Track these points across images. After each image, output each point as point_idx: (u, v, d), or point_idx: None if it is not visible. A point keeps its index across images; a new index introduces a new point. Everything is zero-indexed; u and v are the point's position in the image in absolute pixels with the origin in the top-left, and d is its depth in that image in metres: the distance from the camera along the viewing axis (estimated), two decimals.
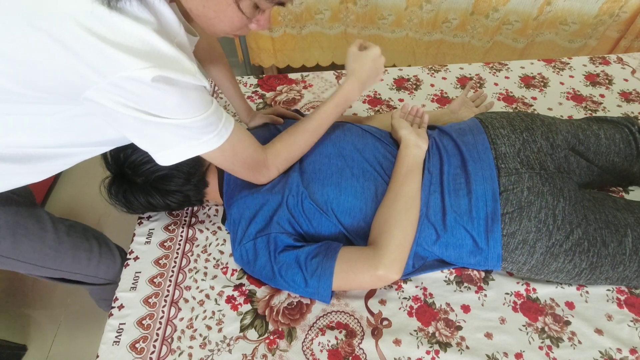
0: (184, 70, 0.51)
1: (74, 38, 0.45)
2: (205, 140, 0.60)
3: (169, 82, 0.50)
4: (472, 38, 1.86)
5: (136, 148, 0.79)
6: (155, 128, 0.55)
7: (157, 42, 0.48)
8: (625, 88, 1.28)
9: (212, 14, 0.55)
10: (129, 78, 0.47)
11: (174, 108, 0.54)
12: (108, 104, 0.50)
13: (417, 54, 1.93)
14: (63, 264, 0.88)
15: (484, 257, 0.78)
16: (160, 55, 0.49)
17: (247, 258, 0.77)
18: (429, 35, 1.85)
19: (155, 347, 0.77)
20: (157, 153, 0.61)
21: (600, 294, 0.82)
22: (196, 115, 0.56)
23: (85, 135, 0.65)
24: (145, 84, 0.48)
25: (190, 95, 0.54)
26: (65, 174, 1.82)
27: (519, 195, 0.75)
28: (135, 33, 0.47)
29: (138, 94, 0.50)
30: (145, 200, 0.84)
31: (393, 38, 1.89)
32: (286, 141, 0.79)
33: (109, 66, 0.46)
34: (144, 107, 0.52)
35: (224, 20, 0.56)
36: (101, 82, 0.48)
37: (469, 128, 0.87)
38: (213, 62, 0.96)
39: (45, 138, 0.62)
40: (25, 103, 0.55)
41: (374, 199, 0.80)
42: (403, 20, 1.80)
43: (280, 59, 1.96)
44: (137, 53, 0.47)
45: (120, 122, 0.55)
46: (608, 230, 0.75)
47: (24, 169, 0.65)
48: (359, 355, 0.75)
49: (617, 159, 0.88)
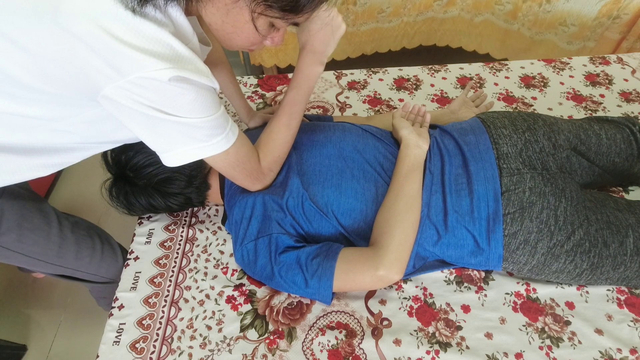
0: (199, 71, 0.54)
1: (96, 39, 0.47)
2: (213, 143, 0.62)
3: (185, 82, 0.53)
4: (461, 11, 1.88)
5: (138, 151, 0.80)
6: (167, 127, 0.57)
7: (175, 44, 0.51)
8: (625, 88, 1.28)
9: (230, 29, 0.58)
10: (148, 78, 0.50)
11: (188, 107, 0.55)
12: (124, 102, 0.52)
13: (410, 35, 1.97)
14: (65, 260, 0.88)
15: (485, 258, 0.78)
16: (178, 56, 0.51)
17: (248, 258, 0.77)
18: (422, 15, 1.87)
19: (156, 347, 0.77)
20: (165, 153, 0.62)
21: (600, 294, 0.82)
22: (207, 115, 0.58)
23: (96, 137, 0.67)
24: (163, 82, 0.50)
25: (203, 95, 0.56)
26: (66, 173, 1.82)
27: (520, 195, 0.75)
28: (156, 36, 0.49)
29: (155, 92, 0.52)
30: (146, 202, 0.84)
31: (390, 27, 1.91)
32: (266, 144, 0.78)
33: (129, 66, 0.49)
34: (159, 106, 0.54)
35: (241, 35, 0.59)
36: (120, 80, 0.50)
37: (470, 128, 0.87)
38: (214, 62, 0.96)
39: (56, 138, 0.64)
40: (41, 102, 0.57)
41: (374, 200, 0.80)
42: (400, 10, 1.83)
43: (282, 58, 1.97)
44: (156, 54, 0.49)
45: (134, 120, 0.57)
46: (609, 231, 0.75)
47: (35, 161, 0.67)
48: (359, 355, 0.75)
49: (618, 159, 0.88)
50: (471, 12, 1.87)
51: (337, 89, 1.31)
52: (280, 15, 0.56)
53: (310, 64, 0.74)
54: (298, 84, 0.76)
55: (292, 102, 0.77)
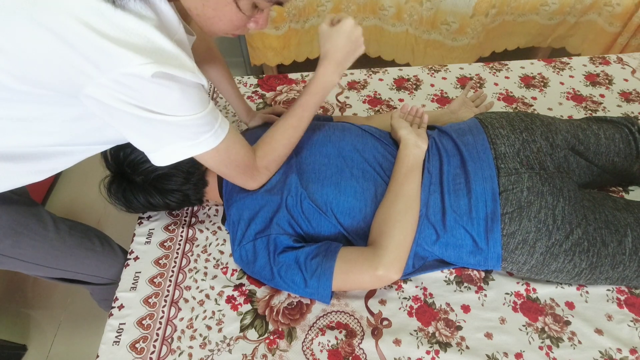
0: (183, 67, 0.52)
1: (75, 34, 0.46)
2: (201, 141, 0.61)
3: (169, 78, 0.51)
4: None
5: (135, 147, 0.80)
6: (153, 126, 0.56)
7: (158, 39, 0.49)
8: (625, 88, 1.28)
9: (212, 12, 0.55)
10: (129, 74, 0.48)
11: (173, 104, 0.54)
12: (108, 101, 0.51)
13: (415, 52, 1.95)
14: (65, 263, 0.88)
15: (484, 257, 0.78)
16: (161, 51, 0.49)
17: (247, 259, 0.77)
18: (427, 34, 1.86)
19: (155, 347, 0.77)
20: (153, 153, 0.61)
21: (600, 294, 0.82)
22: (194, 113, 0.56)
23: (82, 136, 0.65)
24: (146, 79, 0.49)
25: (189, 92, 0.55)
26: (64, 175, 1.82)
27: (518, 195, 0.75)
28: (137, 30, 0.48)
29: (138, 90, 0.50)
30: (144, 199, 0.84)
31: (393, 32, 1.90)
32: (269, 142, 0.78)
33: (110, 62, 0.47)
34: (143, 104, 0.52)
35: (223, 19, 0.57)
36: (101, 77, 0.48)
37: (468, 128, 0.87)
38: (211, 63, 0.96)
39: (42, 139, 0.62)
40: (22, 102, 0.55)
41: (373, 200, 0.80)
42: (403, 15, 1.82)
43: (286, 55, 1.97)
44: (137, 49, 0.47)
45: (119, 119, 0.55)
46: (608, 230, 0.75)
47: (25, 167, 0.65)
48: (359, 355, 0.75)
49: (616, 159, 0.88)
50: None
51: (337, 88, 1.31)
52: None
53: (330, 74, 0.77)
54: (314, 91, 0.77)
55: (304, 105, 0.78)
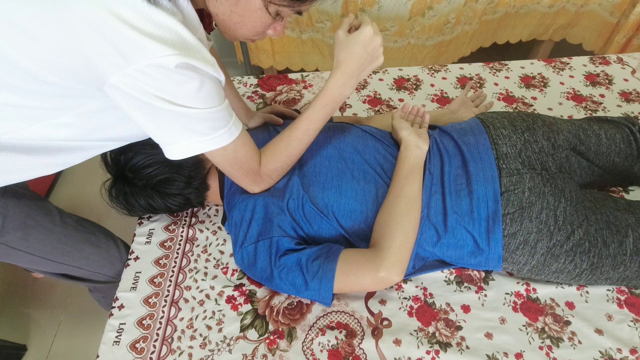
0: (205, 60, 0.54)
1: (106, 23, 0.48)
2: (216, 136, 0.62)
3: (191, 69, 0.53)
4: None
5: (137, 151, 0.80)
6: (171, 118, 0.58)
7: (185, 33, 0.52)
8: (625, 88, 1.28)
9: (238, 18, 0.59)
10: (155, 65, 0.50)
11: (193, 95, 0.56)
12: (131, 92, 0.53)
13: (418, 58, 1.95)
14: (70, 257, 0.88)
15: (485, 258, 0.78)
16: (186, 44, 0.52)
17: (248, 261, 0.77)
18: (431, 39, 1.86)
19: (156, 347, 0.77)
20: (167, 146, 0.63)
21: (600, 294, 0.82)
22: (211, 107, 0.59)
23: (96, 131, 0.67)
24: (169, 69, 0.51)
25: (208, 85, 0.57)
26: (66, 173, 1.82)
27: (520, 195, 0.75)
28: (166, 23, 0.50)
29: (160, 80, 0.52)
30: (146, 203, 0.84)
31: (395, 48, 1.90)
32: (273, 151, 0.77)
33: (137, 52, 0.49)
34: (164, 94, 0.54)
35: (247, 24, 0.60)
36: (128, 67, 0.50)
37: (470, 128, 0.87)
38: None
39: (58, 132, 0.64)
40: (44, 94, 0.57)
41: (374, 201, 0.80)
42: (405, 30, 1.82)
43: (278, 60, 1.96)
44: (166, 42, 0.50)
45: (140, 110, 0.57)
46: (609, 231, 0.75)
47: (38, 160, 0.67)
48: (359, 355, 0.75)
49: (617, 159, 0.88)
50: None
51: None
52: (288, 3, 0.58)
53: (341, 86, 0.72)
54: (324, 103, 0.73)
55: (312, 119, 0.75)
